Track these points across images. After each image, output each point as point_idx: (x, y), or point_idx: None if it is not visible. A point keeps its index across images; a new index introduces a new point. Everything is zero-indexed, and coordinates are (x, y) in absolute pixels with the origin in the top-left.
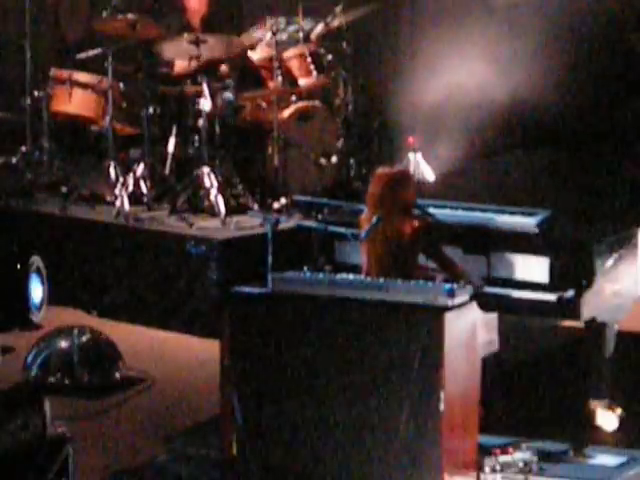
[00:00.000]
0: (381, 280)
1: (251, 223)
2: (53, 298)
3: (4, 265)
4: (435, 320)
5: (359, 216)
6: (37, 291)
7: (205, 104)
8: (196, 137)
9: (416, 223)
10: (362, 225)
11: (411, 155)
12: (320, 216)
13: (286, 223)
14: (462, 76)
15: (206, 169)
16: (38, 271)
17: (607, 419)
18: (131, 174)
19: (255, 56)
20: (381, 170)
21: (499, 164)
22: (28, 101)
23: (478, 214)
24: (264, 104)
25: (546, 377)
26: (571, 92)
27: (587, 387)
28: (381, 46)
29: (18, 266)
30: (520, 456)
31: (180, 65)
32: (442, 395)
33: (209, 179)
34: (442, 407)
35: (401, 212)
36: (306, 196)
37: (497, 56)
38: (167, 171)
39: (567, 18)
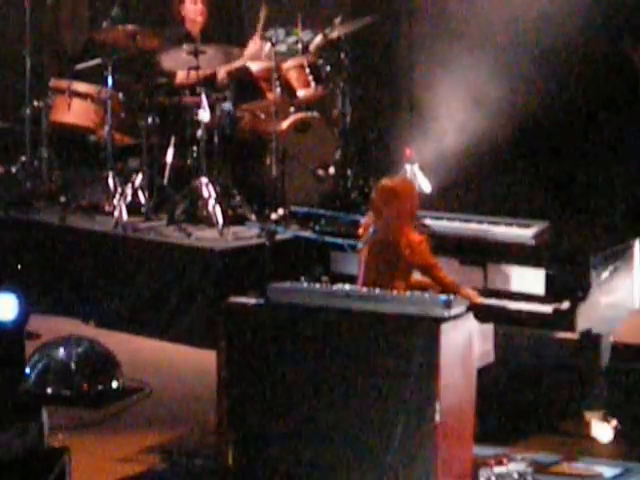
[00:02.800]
0: (378, 291)
1: (249, 234)
2: (52, 308)
3: None
4: (431, 331)
5: (356, 227)
6: (7, 308)
7: (204, 115)
8: (194, 148)
9: (413, 237)
10: (363, 233)
11: (408, 167)
12: (317, 227)
13: (283, 234)
14: (460, 88)
15: (204, 179)
16: (11, 284)
17: (602, 430)
18: (129, 184)
19: (254, 67)
20: (383, 181)
21: (497, 176)
22: (28, 111)
23: (475, 225)
24: (262, 115)
25: (541, 388)
26: (569, 104)
27: (582, 398)
28: (379, 57)
29: None
30: (515, 467)
31: (181, 75)
32: (438, 406)
33: (207, 189)
34: (438, 418)
35: (399, 223)
36: (303, 207)
37: (495, 69)
38: (165, 181)
39: (564, 32)
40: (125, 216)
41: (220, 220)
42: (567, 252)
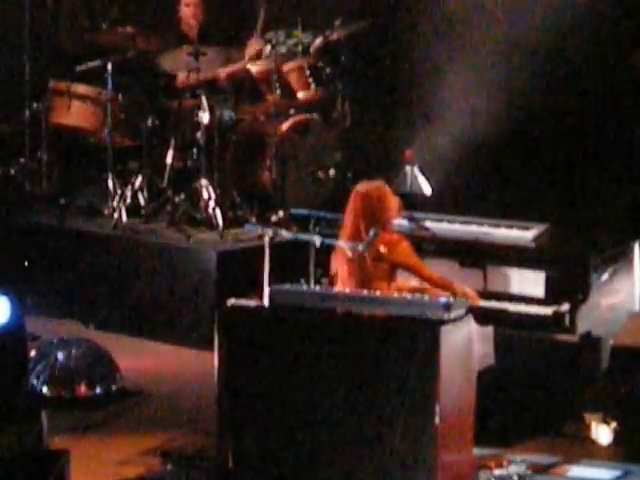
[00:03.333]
0: (378, 293)
1: (248, 236)
2: (51, 310)
3: None
4: (431, 333)
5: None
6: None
7: (204, 117)
8: (194, 149)
9: (390, 237)
10: (341, 237)
11: (408, 168)
12: (317, 229)
13: (283, 236)
14: (461, 89)
15: (204, 181)
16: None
17: (602, 433)
18: (129, 186)
19: (254, 69)
20: (358, 187)
21: (497, 178)
22: (27, 113)
23: (475, 227)
24: (262, 117)
25: (541, 391)
26: (569, 106)
27: (582, 401)
28: (379, 59)
29: None
30: (514, 469)
31: (182, 77)
32: (437, 408)
33: (207, 191)
34: (437, 420)
35: (378, 228)
36: (304, 209)
37: (496, 70)
38: (165, 183)
39: (568, 37)
40: (125, 218)
41: (220, 222)
42: (567, 254)
